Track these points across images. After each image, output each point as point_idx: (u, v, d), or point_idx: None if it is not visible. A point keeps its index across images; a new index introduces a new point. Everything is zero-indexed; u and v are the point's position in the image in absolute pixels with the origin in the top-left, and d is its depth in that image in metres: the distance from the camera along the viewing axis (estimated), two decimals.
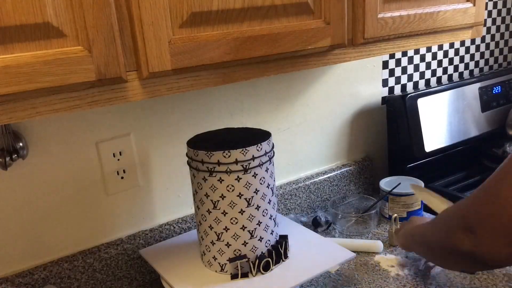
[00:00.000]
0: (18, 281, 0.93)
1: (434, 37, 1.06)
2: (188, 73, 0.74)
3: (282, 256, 0.94)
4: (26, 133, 0.91)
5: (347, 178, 1.41)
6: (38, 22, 0.58)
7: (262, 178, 0.88)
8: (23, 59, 0.58)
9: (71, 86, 0.62)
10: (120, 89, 0.68)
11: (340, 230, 1.25)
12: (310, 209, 1.35)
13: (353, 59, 0.94)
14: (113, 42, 0.63)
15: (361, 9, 0.89)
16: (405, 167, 1.40)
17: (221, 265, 0.91)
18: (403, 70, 1.50)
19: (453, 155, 1.49)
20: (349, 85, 1.38)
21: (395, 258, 1.10)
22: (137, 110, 1.03)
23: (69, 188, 0.98)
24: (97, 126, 0.99)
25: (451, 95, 1.46)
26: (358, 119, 1.43)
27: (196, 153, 0.86)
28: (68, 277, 0.98)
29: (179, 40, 0.69)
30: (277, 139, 1.27)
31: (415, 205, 1.26)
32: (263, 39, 0.77)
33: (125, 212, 1.06)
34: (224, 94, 1.15)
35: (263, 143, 0.87)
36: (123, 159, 1.03)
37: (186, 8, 0.69)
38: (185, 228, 1.13)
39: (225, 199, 0.87)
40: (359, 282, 1.03)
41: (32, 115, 0.62)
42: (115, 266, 1.04)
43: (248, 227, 0.89)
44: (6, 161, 0.87)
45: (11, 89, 0.57)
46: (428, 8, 1.00)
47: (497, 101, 1.59)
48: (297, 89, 1.27)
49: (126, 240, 1.05)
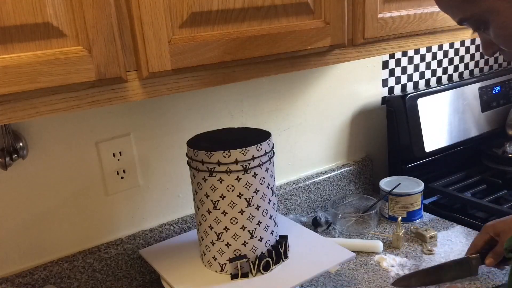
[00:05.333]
0: (18, 281, 0.93)
1: (434, 37, 1.06)
2: (188, 73, 0.74)
3: (282, 256, 0.94)
4: (26, 133, 0.91)
5: (347, 178, 1.41)
6: (38, 22, 0.58)
7: (262, 178, 0.88)
8: (23, 59, 0.58)
9: (71, 86, 0.62)
10: (120, 89, 0.68)
11: (340, 230, 1.25)
12: (310, 209, 1.35)
13: (353, 59, 0.94)
14: (113, 42, 0.63)
15: (361, 9, 0.89)
16: (405, 167, 1.40)
17: (221, 265, 0.91)
18: (403, 70, 1.50)
19: (453, 155, 1.49)
20: (349, 85, 1.38)
21: (395, 258, 1.10)
22: (137, 110, 1.03)
23: (69, 188, 0.98)
24: (97, 126, 0.99)
25: (451, 95, 1.46)
26: (358, 119, 1.43)
27: (196, 153, 0.86)
28: (68, 277, 0.98)
29: (179, 40, 0.69)
30: (277, 139, 1.27)
31: (415, 205, 1.26)
32: (263, 39, 0.77)
33: (125, 212, 1.06)
34: (224, 94, 1.15)
35: (263, 143, 0.87)
36: (123, 159, 1.03)
37: (186, 8, 0.69)
38: (185, 228, 1.13)
39: (225, 199, 0.87)
40: (359, 282, 1.03)
41: (32, 115, 0.62)
42: (115, 266, 1.04)
43: (248, 227, 0.89)
44: (6, 161, 0.87)
45: (11, 89, 0.57)
46: (428, 8, 1.00)
47: (497, 101, 1.59)
48: (297, 89, 1.27)
49: (126, 240, 1.05)
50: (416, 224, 1.26)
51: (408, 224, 1.26)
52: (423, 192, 1.28)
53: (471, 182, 1.44)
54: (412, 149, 1.38)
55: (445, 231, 1.22)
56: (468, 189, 1.39)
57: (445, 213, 1.31)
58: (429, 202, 1.39)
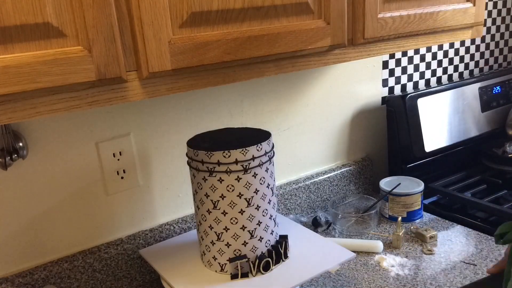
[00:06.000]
0: (18, 281, 0.93)
1: (434, 37, 1.06)
2: (188, 73, 0.74)
3: (282, 256, 0.94)
4: (26, 133, 0.91)
5: (347, 178, 1.41)
6: (38, 22, 0.58)
7: (262, 178, 0.88)
8: (23, 59, 0.58)
9: (71, 86, 0.62)
10: (120, 89, 0.68)
11: (340, 230, 1.25)
12: (310, 209, 1.35)
13: (353, 59, 0.94)
14: (113, 42, 0.63)
15: (361, 9, 0.89)
16: (405, 167, 1.40)
17: (221, 265, 0.91)
18: (403, 70, 1.50)
19: (453, 155, 1.49)
20: (349, 85, 1.38)
21: (395, 258, 1.10)
22: (137, 110, 1.03)
23: (69, 188, 0.98)
24: (97, 126, 0.99)
25: (451, 95, 1.46)
26: (358, 119, 1.43)
27: (196, 153, 0.86)
28: (68, 277, 0.98)
29: (179, 40, 0.69)
30: (277, 139, 1.27)
31: (415, 205, 1.26)
32: (263, 39, 0.77)
33: (125, 212, 1.06)
34: (224, 94, 1.15)
35: (263, 143, 0.87)
36: (123, 159, 1.03)
37: (186, 8, 0.69)
38: (185, 228, 1.13)
39: (225, 199, 0.87)
40: (359, 282, 1.03)
41: (32, 115, 0.62)
42: (115, 266, 1.04)
43: (248, 227, 0.89)
44: (6, 161, 0.87)
45: (11, 89, 0.57)
46: (428, 8, 1.00)
47: (497, 101, 1.59)
48: (297, 89, 1.27)
49: (126, 240, 1.05)
50: (416, 224, 1.26)
51: (408, 224, 1.26)
52: (423, 192, 1.28)
53: (471, 182, 1.44)
54: (412, 149, 1.38)
55: (445, 231, 1.22)
56: (468, 189, 1.39)
57: (445, 213, 1.31)
58: (429, 202, 1.39)
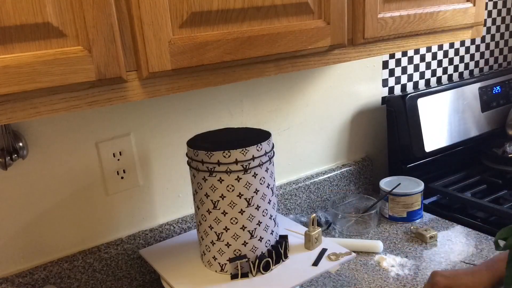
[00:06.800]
0: (18, 281, 0.93)
1: (434, 37, 1.06)
2: (188, 73, 0.74)
3: (282, 256, 0.94)
4: (26, 133, 0.91)
5: (347, 178, 1.41)
6: (38, 22, 0.58)
7: (262, 178, 0.88)
8: (23, 59, 0.58)
9: (71, 86, 0.62)
10: (120, 89, 0.68)
11: (340, 230, 1.25)
12: (310, 209, 1.35)
13: (353, 59, 0.94)
14: (113, 42, 0.63)
15: (361, 9, 0.89)
16: (405, 167, 1.40)
17: (221, 265, 0.91)
18: (403, 70, 1.50)
19: (453, 155, 1.49)
20: (349, 85, 1.38)
21: (395, 258, 1.10)
22: (137, 110, 1.03)
23: (69, 188, 0.98)
24: (97, 126, 0.99)
25: (451, 95, 1.46)
26: (358, 119, 1.43)
27: (196, 153, 0.86)
28: (68, 277, 0.98)
29: (179, 40, 0.69)
30: (277, 139, 1.27)
31: (415, 205, 1.26)
32: (263, 39, 0.77)
33: (125, 212, 1.06)
34: (224, 94, 1.15)
35: (263, 143, 0.87)
36: (123, 159, 1.03)
37: (186, 8, 0.69)
38: (185, 228, 1.13)
39: (225, 199, 0.87)
40: (359, 282, 1.03)
41: (32, 115, 0.62)
42: (115, 266, 1.04)
43: (248, 227, 0.89)
44: (6, 161, 0.87)
45: (11, 89, 0.57)
46: (428, 8, 1.00)
47: (497, 101, 1.59)
48: (297, 89, 1.27)
49: (126, 240, 1.05)
50: (416, 224, 1.26)
51: (408, 224, 1.26)
52: (423, 192, 1.28)
53: (471, 182, 1.44)
54: (412, 149, 1.38)
55: (445, 231, 1.22)
56: (468, 189, 1.39)
57: (445, 213, 1.31)
58: (429, 202, 1.39)
